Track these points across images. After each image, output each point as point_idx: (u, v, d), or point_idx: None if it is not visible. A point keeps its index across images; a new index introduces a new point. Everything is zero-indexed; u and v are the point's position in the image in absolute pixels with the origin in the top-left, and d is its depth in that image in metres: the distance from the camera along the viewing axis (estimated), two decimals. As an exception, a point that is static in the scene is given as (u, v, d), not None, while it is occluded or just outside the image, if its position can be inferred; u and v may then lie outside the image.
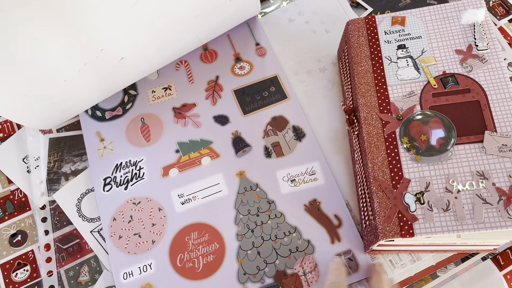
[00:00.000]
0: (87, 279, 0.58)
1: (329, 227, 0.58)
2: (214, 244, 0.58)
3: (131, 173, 0.63)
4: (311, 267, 0.56)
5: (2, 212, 0.63)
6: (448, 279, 0.56)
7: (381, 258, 0.57)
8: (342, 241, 0.57)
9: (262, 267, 0.57)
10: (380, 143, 0.52)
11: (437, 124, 0.51)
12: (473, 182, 0.48)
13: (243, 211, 0.60)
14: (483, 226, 0.45)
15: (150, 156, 0.64)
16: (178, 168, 0.63)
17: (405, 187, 0.49)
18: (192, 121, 0.65)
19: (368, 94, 0.55)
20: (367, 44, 0.58)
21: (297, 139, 0.63)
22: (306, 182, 0.61)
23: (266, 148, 0.63)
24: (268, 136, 0.64)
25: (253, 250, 0.58)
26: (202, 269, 0.57)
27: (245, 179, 0.62)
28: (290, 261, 0.57)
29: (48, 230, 0.61)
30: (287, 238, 0.58)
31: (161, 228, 0.60)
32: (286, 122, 0.64)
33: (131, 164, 0.64)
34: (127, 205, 0.61)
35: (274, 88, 0.67)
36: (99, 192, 0.62)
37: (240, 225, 0.59)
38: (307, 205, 0.59)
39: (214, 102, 0.67)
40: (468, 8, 0.57)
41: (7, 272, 0.59)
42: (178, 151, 0.64)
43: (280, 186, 0.61)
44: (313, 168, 0.61)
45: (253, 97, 0.66)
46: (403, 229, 0.47)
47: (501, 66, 0.53)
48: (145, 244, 0.59)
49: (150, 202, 0.61)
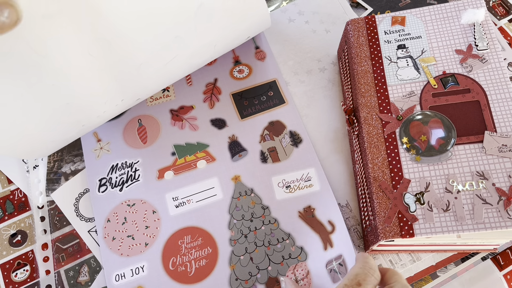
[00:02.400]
0: (87, 279, 0.58)
1: (323, 233, 0.58)
2: (207, 249, 0.58)
3: (126, 175, 0.63)
4: (303, 274, 0.56)
5: (2, 212, 0.63)
6: (448, 279, 0.56)
7: (381, 258, 0.57)
8: (334, 246, 0.57)
9: (254, 273, 0.56)
10: (380, 143, 0.52)
11: (437, 124, 0.51)
12: (473, 182, 0.48)
13: (237, 216, 0.60)
14: (483, 226, 0.45)
15: (146, 158, 0.64)
16: (173, 170, 0.63)
17: (405, 187, 0.49)
18: (189, 123, 0.65)
19: (368, 94, 0.55)
20: (367, 44, 0.58)
21: (293, 145, 0.63)
22: (302, 188, 0.60)
23: (263, 153, 0.63)
24: (265, 141, 0.63)
25: (246, 255, 0.57)
26: (194, 273, 0.57)
27: (240, 183, 0.61)
28: (283, 268, 0.56)
29: (46, 229, 0.61)
30: (280, 244, 0.58)
31: (155, 230, 0.60)
32: (283, 127, 0.64)
33: (127, 166, 0.63)
34: (121, 206, 0.61)
35: (272, 92, 0.66)
36: (94, 193, 0.62)
37: (234, 230, 0.59)
38: (302, 212, 0.59)
39: (212, 105, 0.66)
40: (468, 8, 0.57)
41: (7, 272, 0.59)
42: (174, 154, 0.64)
43: (275, 192, 0.60)
44: (308, 174, 0.61)
45: (251, 101, 0.66)
46: (403, 229, 0.47)
47: (501, 66, 0.53)
48: (138, 246, 0.59)
49: (145, 204, 0.61)
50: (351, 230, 0.58)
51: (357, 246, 0.57)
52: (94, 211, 0.61)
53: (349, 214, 0.59)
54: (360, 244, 0.57)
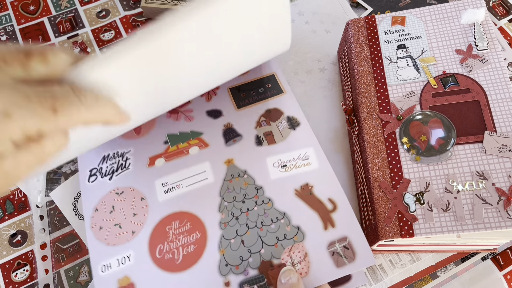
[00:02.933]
0: (87, 279, 0.58)
1: (322, 212, 0.53)
2: (196, 234, 0.55)
3: (117, 164, 0.61)
4: (301, 256, 0.51)
5: (2, 212, 0.63)
6: (448, 279, 0.56)
7: (381, 258, 0.57)
8: (336, 226, 0.53)
9: (245, 257, 0.53)
10: (380, 143, 0.52)
11: (437, 124, 0.51)
12: (472, 182, 0.48)
13: (228, 198, 0.56)
14: (483, 226, 0.45)
15: (138, 148, 0.62)
16: (164, 157, 0.60)
17: (405, 187, 0.49)
18: (185, 115, 0.63)
19: (368, 94, 0.55)
20: (367, 44, 0.58)
21: (290, 128, 0.60)
22: (298, 167, 0.57)
23: (258, 137, 0.60)
24: (261, 126, 0.61)
25: (236, 238, 0.54)
26: (181, 261, 0.54)
27: (233, 166, 0.59)
28: (277, 250, 0.52)
29: (45, 228, 0.61)
30: (274, 224, 0.54)
31: (142, 218, 0.57)
32: (281, 113, 0.62)
33: (118, 155, 0.62)
34: (110, 195, 0.59)
35: (270, 84, 0.65)
36: (83, 183, 0.60)
37: (224, 212, 0.56)
38: (298, 190, 0.56)
39: (209, 98, 0.65)
40: (468, 8, 0.57)
41: (7, 272, 0.59)
42: (167, 142, 0.62)
43: (269, 172, 0.57)
44: (306, 153, 0.58)
45: (248, 93, 0.64)
46: (403, 229, 0.47)
47: (501, 66, 0.53)
48: (124, 235, 0.56)
49: (133, 191, 0.59)
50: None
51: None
52: (83, 202, 0.59)
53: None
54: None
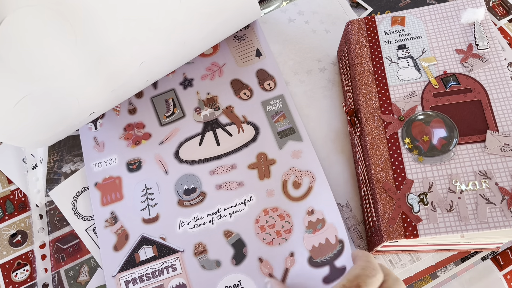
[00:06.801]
0: (87, 279, 0.58)
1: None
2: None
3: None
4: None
5: (2, 212, 0.62)
6: (448, 279, 0.56)
7: (381, 258, 0.57)
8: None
9: None
10: (382, 144, 0.52)
11: (439, 124, 0.51)
12: (476, 182, 0.48)
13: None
14: (487, 226, 0.45)
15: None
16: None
17: (408, 188, 0.49)
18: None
19: (369, 95, 0.55)
20: (367, 45, 0.58)
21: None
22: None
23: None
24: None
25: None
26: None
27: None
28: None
29: (44, 227, 0.61)
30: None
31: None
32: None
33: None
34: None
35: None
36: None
37: None
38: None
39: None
40: (468, 7, 0.57)
41: (7, 272, 0.59)
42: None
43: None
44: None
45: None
46: (407, 230, 0.47)
47: (501, 65, 0.53)
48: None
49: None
50: (351, 230, 0.58)
51: (357, 246, 0.57)
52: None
53: (349, 214, 0.59)
54: (360, 244, 0.57)
